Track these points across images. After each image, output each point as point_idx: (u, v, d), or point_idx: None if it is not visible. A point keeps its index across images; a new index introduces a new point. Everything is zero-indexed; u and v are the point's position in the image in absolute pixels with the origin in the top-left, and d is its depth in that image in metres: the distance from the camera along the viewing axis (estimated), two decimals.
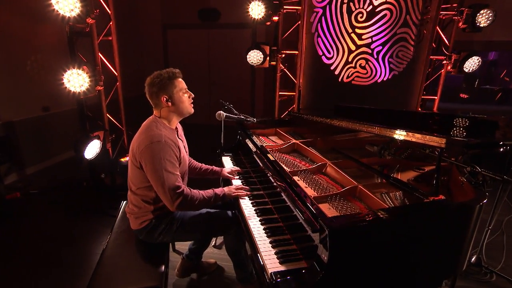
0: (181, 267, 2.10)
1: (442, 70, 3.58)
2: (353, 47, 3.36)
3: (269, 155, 1.77)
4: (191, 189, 1.60)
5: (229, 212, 1.77)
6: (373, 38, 3.30)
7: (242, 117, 2.06)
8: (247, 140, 2.17)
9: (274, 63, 3.57)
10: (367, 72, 3.45)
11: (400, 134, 1.40)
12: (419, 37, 3.28)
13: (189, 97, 1.65)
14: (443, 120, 1.78)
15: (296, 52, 3.58)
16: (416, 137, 1.30)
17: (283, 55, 3.58)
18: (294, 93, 3.74)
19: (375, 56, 3.37)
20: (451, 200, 1.36)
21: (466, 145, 1.14)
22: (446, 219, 1.22)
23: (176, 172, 1.52)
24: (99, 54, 2.86)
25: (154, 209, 1.62)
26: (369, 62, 3.40)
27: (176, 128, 1.72)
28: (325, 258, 1.00)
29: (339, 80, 3.50)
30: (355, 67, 3.44)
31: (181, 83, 1.61)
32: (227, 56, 5.85)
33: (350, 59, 3.42)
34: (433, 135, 1.20)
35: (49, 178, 3.69)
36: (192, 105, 1.69)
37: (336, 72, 3.48)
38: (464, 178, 1.52)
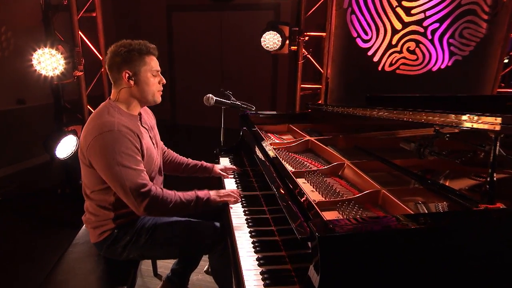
0: None
1: None
2: (398, 26, 3.25)
3: (269, 151, 1.71)
4: (164, 189, 1.57)
5: (217, 224, 1.72)
6: (427, 12, 3.16)
7: (238, 103, 2.04)
8: (249, 137, 2.14)
9: (296, 47, 3.55)
10: (417, 58, 3.31)
11: (440, 119, 1.29)
12: (494, 9, 3.08)
13: (159, 83, 1.61)
14: None
15: (324, 34, 3.54)
16: (460, 119, 1.19)
17: (307, 38, 3.56)
18: (321, 86, 3.68)
19: (430, 37, 3.23)
20: None
21: None
22: (507, 236, 1.08)
23: (137, 166, 1.48)
24: (80, 33, 3.00)
25: (116, 216, 1.59)
26: (420, 45, 3.26)
27: (140, 114, 1.67)
28: (316, 281, 0.91)
29: (379, 68, 3.40)
30: (401, 52, 3.32)
31: (153, 62, 1.58)
32: (244, 43, 5.92)
33: (394, 42, 3.31)
34: (484, 114, 1.09)
35: (19, 184, 3.85)
36: (161, 93, 1.65)
37: (375, 59, 3.39)
38: None
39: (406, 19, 3.23)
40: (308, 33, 3.55)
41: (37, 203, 3.39)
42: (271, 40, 3.46)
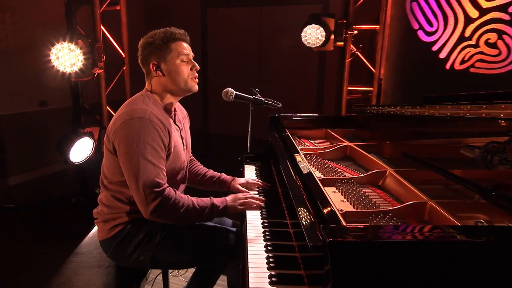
0: None
1: None
2: (474, 14, 3.09)
3: (296, 156, 1.69)
4: (177, 192, 1.61)
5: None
6: None
7: (262, 99, 2.07)
8: (276, 141, 2.14)
9: (342, 43, 3.52)
10: (499, 53, 3.10)
11: (506, 111, 1.20)
12: None
13: (191, 69, 1.71)
14: None
15: (377, 26, 3.48)
16: None
17: (356, 32, 3.52)
18: (372, 88, 3.60)
19: None
20: None
21: None
22: None
23: (158, 163, 1.55)
24: (102, 27, 3.21)
25: (131, 210, 1.66)
26: (504, 36, 3.05)
27: (175, 110, 1.79)
28: None
29: (447, 67, 3.26)
30: (477, 46, 3.15)
31: (180, 47, 1.68)
32: (286, 41, 5.96)
33: (467, 34, 3.16)
34: None
35: (34, 192, 4.15)
36: (197, 81, 1.74)
37: (442, 55, 3.26)
38: None
39: (485, 4, 3.05)
40: (357, 26, 3.51)
41: (50, 212, 3.62)
42: (313, 34, 3.46)
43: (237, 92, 1.99)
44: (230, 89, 1.99)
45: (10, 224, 3.45)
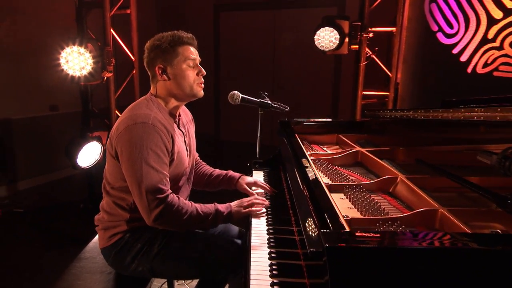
0: None
1: None
2: (498, 14, 3.05)
3: (303, 161, 1.69)
4: (181, 198, 1.62)
5: (240, 242, 1.77)
6: None
7: (269, 102, 2.07)
8: (284, 146, 2.14)
9: (357, 46, 3.50)
10: None
11: None
12: None
13: (197, 74, 1.72)
14: None
15: (393, 28, 3.46)
16: None
17: (371, 35, 3.50)
18: (388, 93, 3.58)
19: None
20: None
21: None
22: None
23: (161, 169, 1.57)
24: (112, 31, 3.28)
25: (131, 218, 1.67)
26: None
27: (179, 115, 1.81)
28: None
29: (469, 70, 3.22)
30: (500, 48, 3.11)
31: (187, 52, 1.70)
32: (300, 45, 5.98)
33: (491, 35, 3.12)
34: None
35: (43, 196, 4.25)
36: (203, 86, 1.76)
37: (463, 58, 3.23)
38: None
39: (510, 4, 2.99)
40: (373, 29, 3.49)
41: (58, 217, 3.69)
42: (326, 37, 3.45)
43: (243, 95, 2.01)
44: (236, 92, 2.00)
45: (18, 229, 3.53)
